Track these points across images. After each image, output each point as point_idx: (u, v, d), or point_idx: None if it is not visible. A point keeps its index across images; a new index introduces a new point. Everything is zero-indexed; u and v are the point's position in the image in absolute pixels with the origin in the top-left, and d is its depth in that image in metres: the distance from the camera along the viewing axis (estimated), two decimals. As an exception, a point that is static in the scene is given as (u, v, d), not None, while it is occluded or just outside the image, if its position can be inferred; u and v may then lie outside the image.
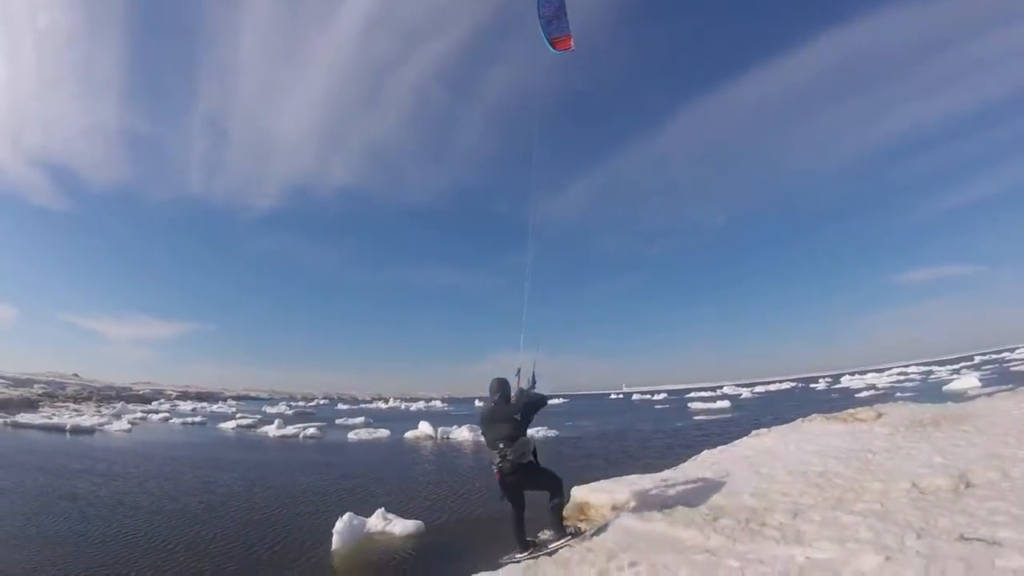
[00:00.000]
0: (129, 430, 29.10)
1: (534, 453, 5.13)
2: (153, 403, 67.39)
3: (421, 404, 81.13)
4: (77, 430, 27.82)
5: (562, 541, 5.06)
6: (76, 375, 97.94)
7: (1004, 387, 11.28)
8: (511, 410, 5.16)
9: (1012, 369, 44.69)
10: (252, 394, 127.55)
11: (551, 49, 6.90)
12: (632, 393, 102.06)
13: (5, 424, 29.21)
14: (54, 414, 37.88)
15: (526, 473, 5.06)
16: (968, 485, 4.81)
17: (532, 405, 5.35)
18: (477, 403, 78.38)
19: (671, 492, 5.76)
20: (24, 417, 32.79)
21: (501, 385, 5.36)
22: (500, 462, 4.95)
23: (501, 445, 4.96)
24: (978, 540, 3.47)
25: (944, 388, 29.99)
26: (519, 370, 5.65)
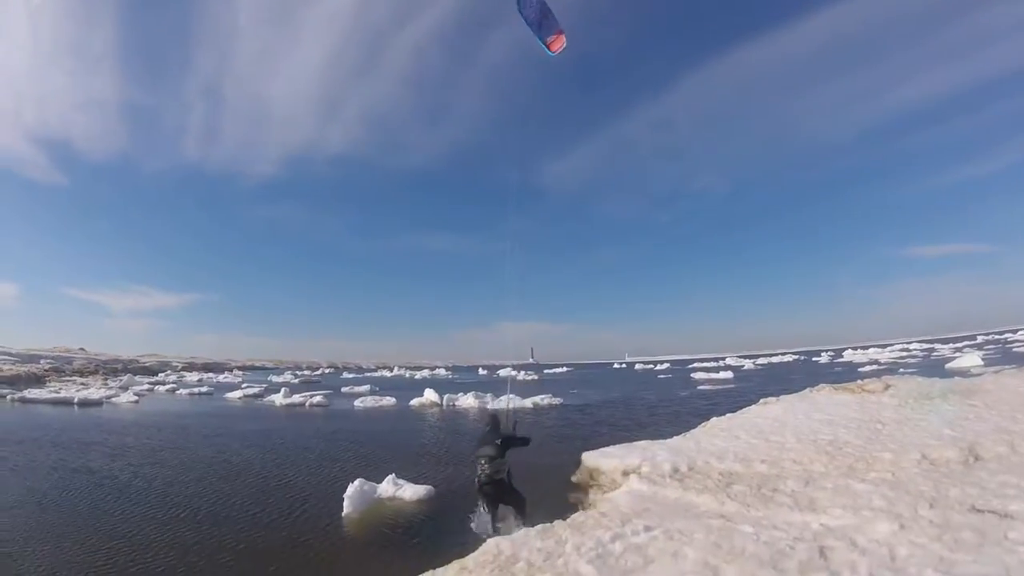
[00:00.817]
0: (137, 402, 29.57)
1: (508, 474, 6.33)
2: (159, 375, 68.11)
3: (425, 372, 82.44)
4: (85, 403, 28.23)
5: None
6: (83, 349, 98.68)
7: (1008, 367, 11.27)
8: (494, 436, 6.46)
9: (1015, 350, 44.38)
10: (257, 364, 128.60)
11: (547, 51, 7.14)
12: (635, 363, 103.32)
13: (13, 400, 29.54)
14: (61, 388, 38.30)
15: (498, 489, 6.26)
16: (977, 458, 4.85)
17: (515, 440, 6.63)
18: (481, 371, 79.74)
19: (682, 458, 5.83)
20: (32, 392, 33.16)
21: (492, 418, 6.93)
22: (480, 474, 6.21)
23: (483, 462, 6.20)
24: (990, 512, 3.51)
25: (947, 366, 29.81)
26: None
